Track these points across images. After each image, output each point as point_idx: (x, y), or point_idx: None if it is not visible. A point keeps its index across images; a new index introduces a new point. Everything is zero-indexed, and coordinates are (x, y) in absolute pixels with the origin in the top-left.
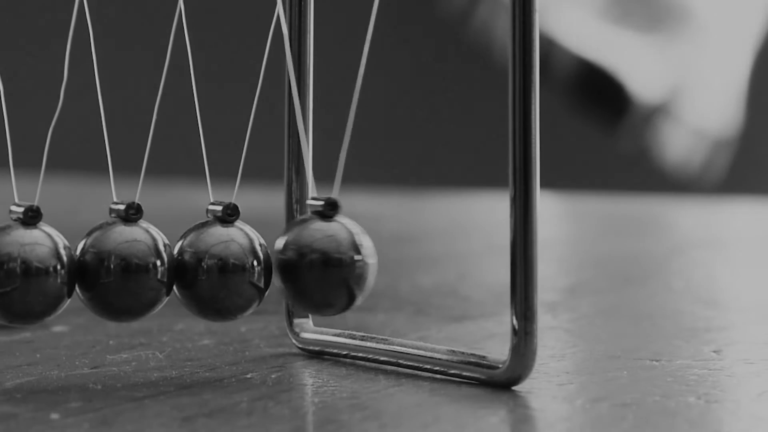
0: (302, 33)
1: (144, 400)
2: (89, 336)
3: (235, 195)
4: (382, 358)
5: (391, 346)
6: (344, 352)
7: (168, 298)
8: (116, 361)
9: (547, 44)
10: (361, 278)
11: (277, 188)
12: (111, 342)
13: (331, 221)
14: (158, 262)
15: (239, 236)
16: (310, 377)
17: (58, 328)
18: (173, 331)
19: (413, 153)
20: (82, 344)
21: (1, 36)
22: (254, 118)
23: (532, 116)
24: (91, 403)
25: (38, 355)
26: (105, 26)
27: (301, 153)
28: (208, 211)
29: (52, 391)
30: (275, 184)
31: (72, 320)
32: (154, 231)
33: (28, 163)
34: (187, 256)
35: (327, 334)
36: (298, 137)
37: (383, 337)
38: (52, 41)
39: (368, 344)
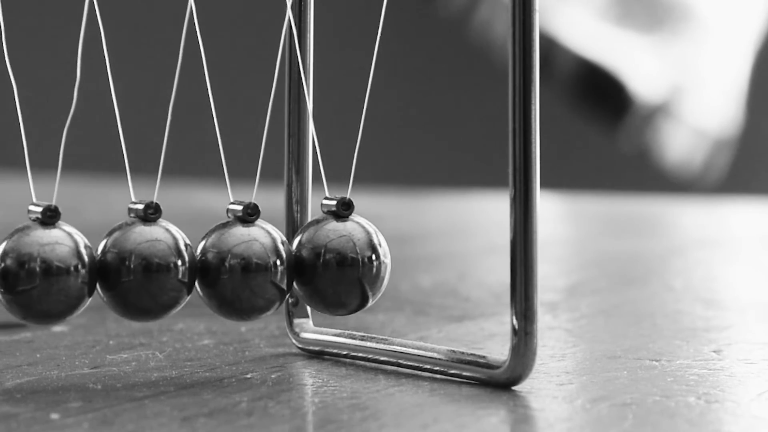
0: (302, 33)
1: (144, 400)
2: (89, 336)
3: (254, 194)
4: (382, 358)
5: (391, 346)
6: (344, 352)
7: (189, 297)
8: (116, 361)
9: (548, 44)
10: (377, 278)
11: (277, 188)
12: (111, 342)
13: (346, 221)
14: (179, 262)
15: (261, 235)
16: (310, 377)
17: (58, 328)
18: (173, 331)
19: (413, 153)
20: (82, 344)
21: (14, 38)
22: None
23: (532, 116)
24: (91, 403)
25: (38, 355)
26: (115, 28)
27: (301, 153)
28: (228, 210)
29: (52, 391)
30: (275, 184)
31: (72, 320)
32: (175, 230)
33: (42, 163)
34: (209, 256)
35: (327, 334)
36: (299, 137)
37: (383, 337)
38: (65, 43)
39: (368, 344)
